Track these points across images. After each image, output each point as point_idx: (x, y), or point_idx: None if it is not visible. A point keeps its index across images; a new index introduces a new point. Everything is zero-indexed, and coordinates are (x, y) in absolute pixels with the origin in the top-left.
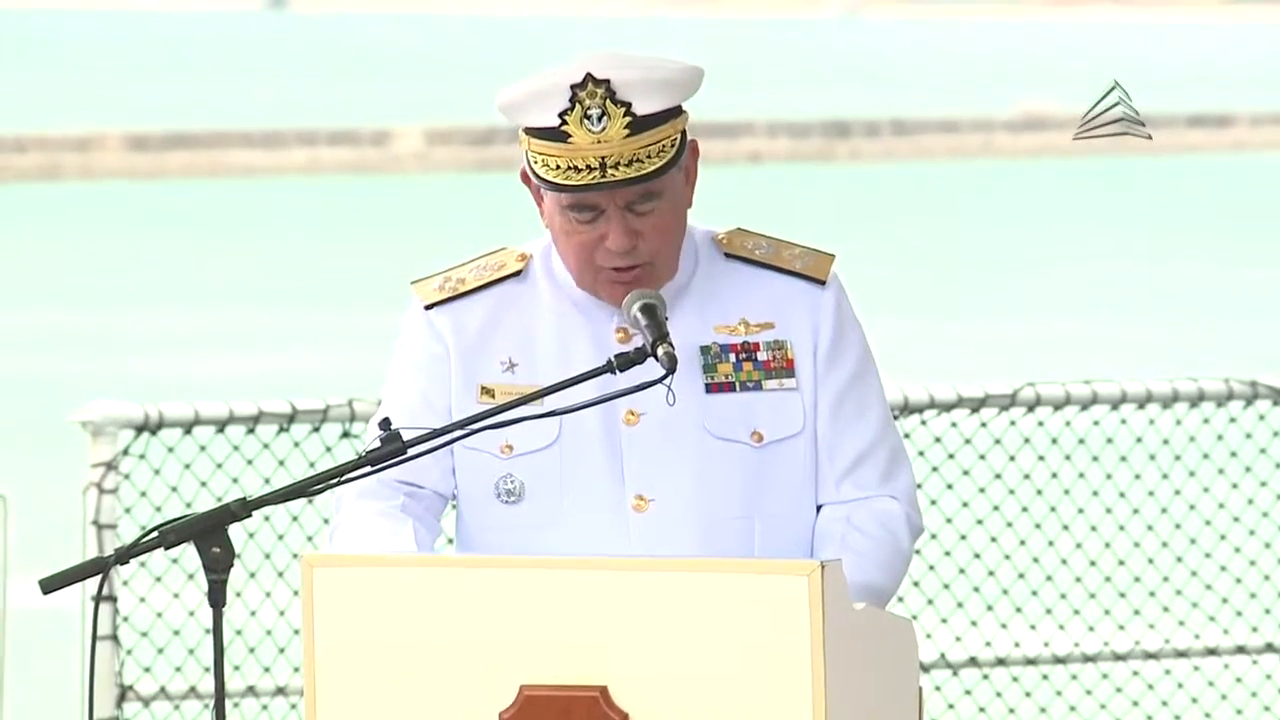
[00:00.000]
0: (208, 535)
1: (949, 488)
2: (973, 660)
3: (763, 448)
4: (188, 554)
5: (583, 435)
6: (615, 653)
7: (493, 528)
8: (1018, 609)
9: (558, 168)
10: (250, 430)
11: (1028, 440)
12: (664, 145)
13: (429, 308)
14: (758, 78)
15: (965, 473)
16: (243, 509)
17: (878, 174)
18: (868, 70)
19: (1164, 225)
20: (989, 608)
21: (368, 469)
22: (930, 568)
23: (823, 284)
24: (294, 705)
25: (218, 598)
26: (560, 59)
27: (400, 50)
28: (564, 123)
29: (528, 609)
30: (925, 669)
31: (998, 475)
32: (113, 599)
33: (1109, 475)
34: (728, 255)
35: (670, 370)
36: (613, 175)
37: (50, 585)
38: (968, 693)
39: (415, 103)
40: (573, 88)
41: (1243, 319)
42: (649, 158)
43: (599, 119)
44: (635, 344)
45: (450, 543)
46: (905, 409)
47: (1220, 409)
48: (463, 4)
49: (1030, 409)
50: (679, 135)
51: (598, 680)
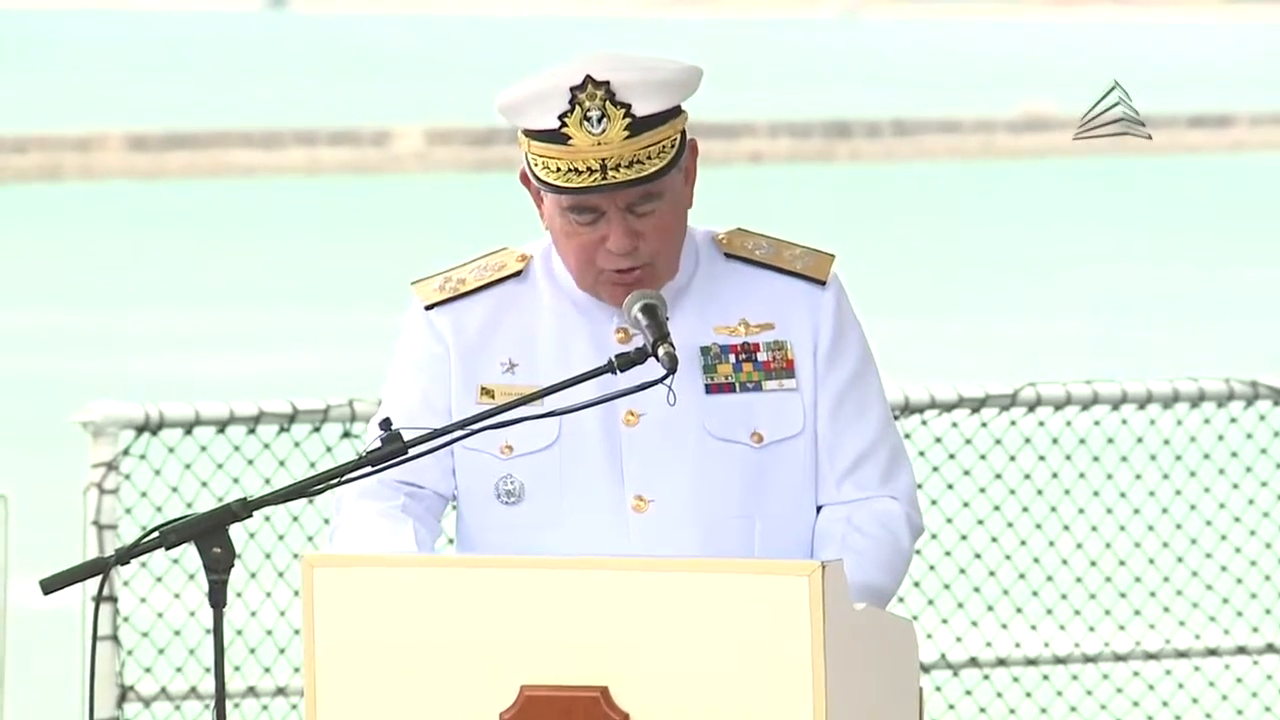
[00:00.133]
0: (208, 535)
1: (949, 488)
2: (973, 660)
3: (763, 448)
4: (188, 554)
5: (583, 436)
6: (616, 653)
7: (493, 528)
8: (1018, 609)
9: (558, 170)
10: (251, 430)
11: (1028, 440)
12: (664, 146)
13: (429, 308)
14: (758, 78)
15: (966, 473)
16: (243, 509)
17: (878, 174)
18: (868, 70)
19: (1164, 225)
20: (989, 608)
21: (368, 469)
22: (931, 568)
23: (823, 284)
24: (294, 705)
25: (218, 598)
26: (560, 59)
27: (400, 50)
28: (564, 125)
29: (528, 609)
30: (926, 669)
31: (998, 475)
32: (113, 599)
33: (1110, 475)
34: (728, 255)
35: (671, 370)
36: (613, 177)
37: (51, 585)
38: (968, 693)
39: (415, 103)
40: (572, 90)
41: (1243, 319)
42: (649, 159)
43: (599, 121)
44: (636, 344)
45: (450, 543)
46: (905, 409)
47: (1221, 409)
48: (463, 4)
49: (1031, 409)
50: (679, 136)
51: (598, 680)
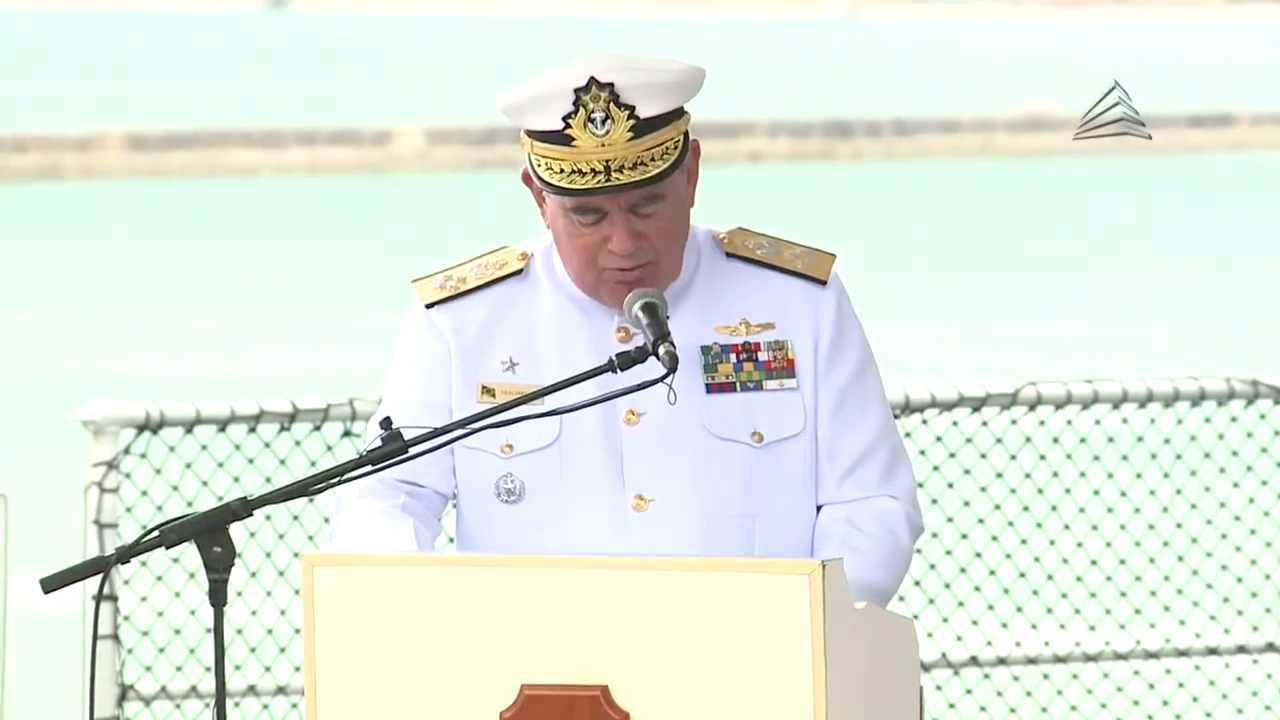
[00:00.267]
0: (209, 534)
1: (950, 487)
2: (974, 659)
3: (763, 448)
4: (189, 553)
5: (583, 435)
6: (616, 652)
7: (493, 527)
8: (1019, 608)
9: (561, 171)
10: (251, 429)
11: (1029, 439)
12: (668, 147)
13: (430, 306)
14: (758, 78)
15: (966, 472)
16: (244, 508)
17: (879, 174)
18: (869, 70)
19: (1164, 225)
20: (990, 607)
21: (368, 468)
22: (931, 567)
23: (824, 284)
24: (295, 705)
25: (219, 597)
26: (560, 60)
27: (400, 50)
28: (568, 126)
29: (528, 608)
30: (926, 668)
31: (999, 474)
32: (114, 598)
33: (1110, 474)
34: (729, 255)
35: (671, 369)
36: (617, 179)
37: (51, 584)
38: (969, 692)
39: (416, 103)
40: (576, 91)
41: (1243, 319)
42: (653, 160)
43: (603, 122)
44: (636, 343)
45: (450, 542)
46: (906, 408)
47: (1221, 408)
48: (464, 4)
49: (1031, 408)
50: (682, 137)
51: (598, 680)
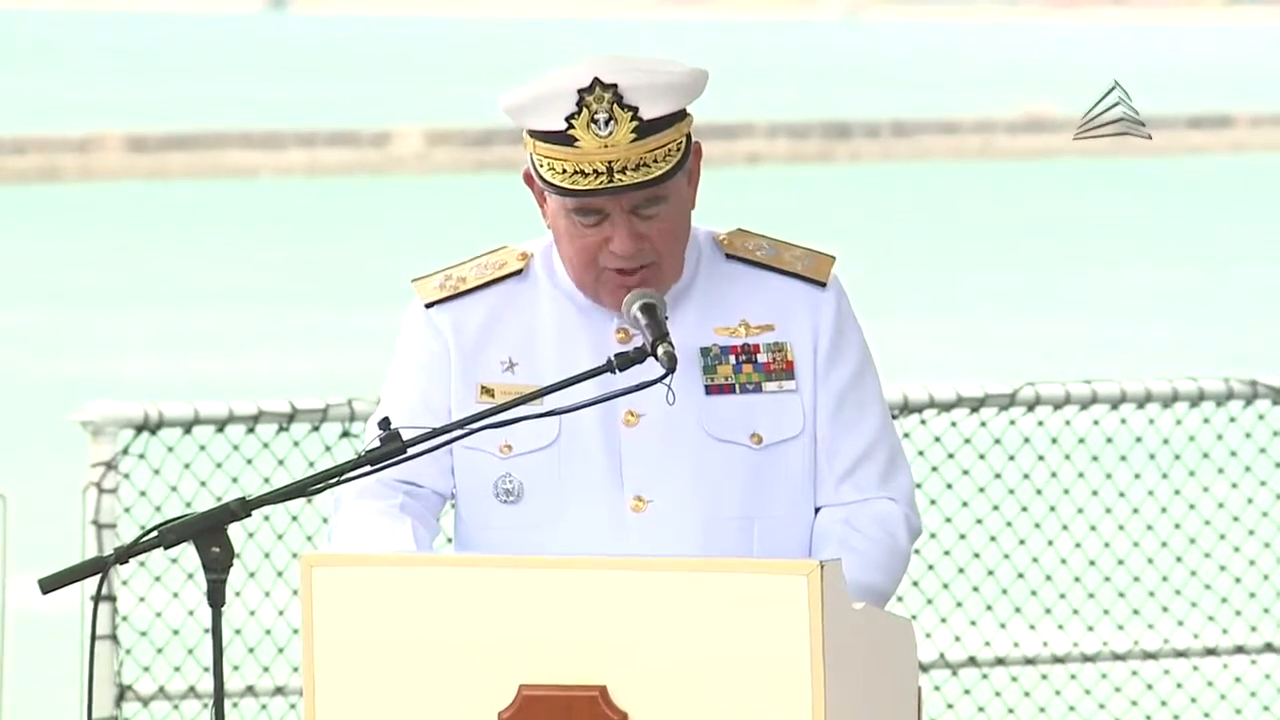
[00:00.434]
0: (207, 535)
1: (948, 487)
2: (972, 660)
3: (762, 449)
4: (187, 554)
5: (582, 435)
6: (614, 652)
7: (491, 527)
8: (1017, 609)
9: (564, 172)
10: (250, 430)
11: (1027, 440)
12: (670, 149)
13: (429, 306)
14: (757, 79)
15: (965, 472)
16: (242, 509)
17: (878, 175)
18: (868, 72)
19: (1164, 226)
20: (988, 607)
21: (367, 468)
22: (929, 567)
23: (823, 286)
24: (293, 705)
25: (217, 597)
26: (560, 61)
27: (400, 51)
28: (571, 127)
29: (527, 609)
30: (924, 669)
31: (997, 475)
32: (112, 599)
33: (1109, 475)
34: (729, 256)
35: (670, 370)
36: (620, 180)
37: (49, 585)
38: (967, 692)
39: (415, 104)
40: (580, 92)
41: (1243, 319)
42: (656, 162)
43: (606, 124)
44: (635, 344)
45: (449, 542)
46: (905, 409)
47: (1220, 408)
48: (463, 5)
49: (1030, 408)
50: (684, 139)
51: (597, 680)
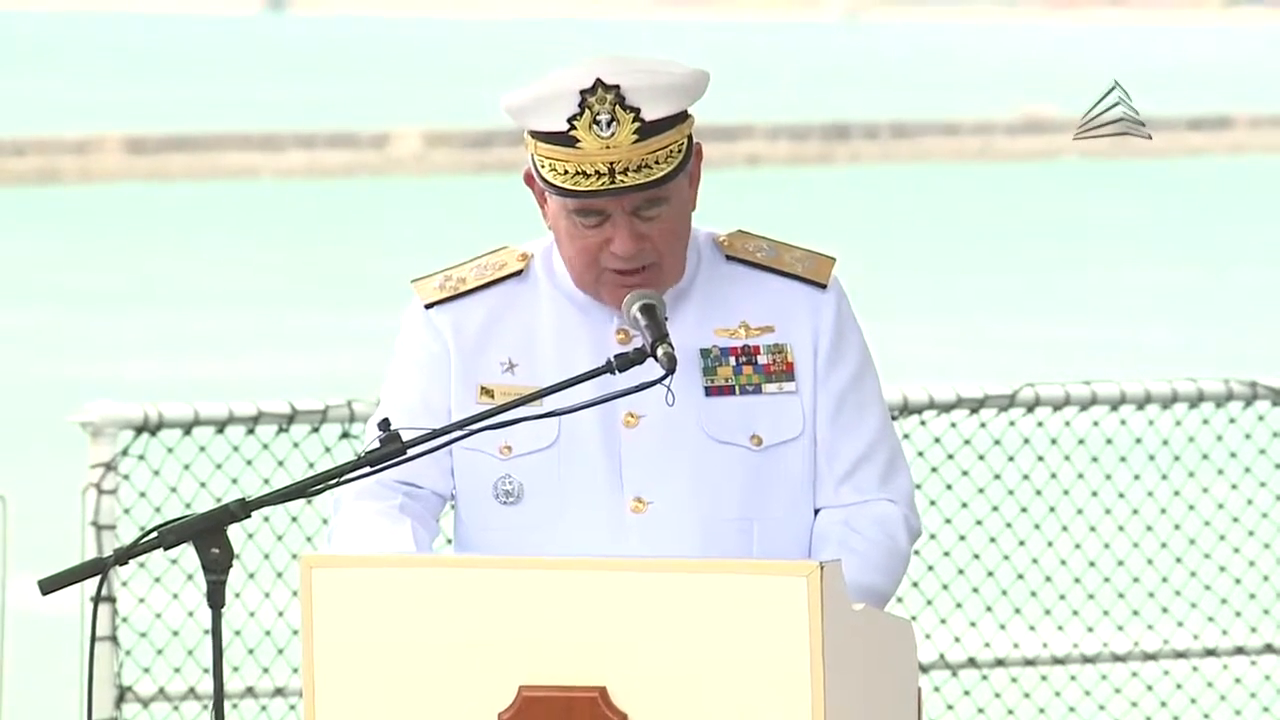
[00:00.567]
0: (207, 536)
1: (948, 488)
2: (971, 661)
3: (762, 451)
4: (187, 555)
5: (582, 437)
6: (614, 653)
7: (491, 528)
8: (1016, 610)
9: (565, 173)
10: (249, 431)
11: (1027, 441)
12: (672, 150)
13: (429, 306)
14: (757, 80)
15: (964, 473)
16: (242, 510)
17: (877, 177)
18: (867, 73)
19: (1164, 227)
20: (988, 608)
21: (367, 469)
22: (929, 568)
23: (823, 287)
24: (293, 706)
25: (216, 598)
26: (560, 62)
27: (399, 53)
28: (572, 128)
29: (526, 609)
30: (924, 670)
31: (997, 476)
32: (112, 600)
33: (1108, 476)
34: (729, 258)
35: (670, 370)
36: (622, 181)
37: (49, 586)
38: (966, 693)
39: (414, 105)
40: (582, 93)
41: (1243, 319)
42: (657, 163)
43: (608, 124)
44: (635, 345)
45: (449, 543)
46: (905, 410)
47: (1219, 410)
48: (463, 6)
49: (1029, 410)
50: (686, 140)
51: (597, 681)
